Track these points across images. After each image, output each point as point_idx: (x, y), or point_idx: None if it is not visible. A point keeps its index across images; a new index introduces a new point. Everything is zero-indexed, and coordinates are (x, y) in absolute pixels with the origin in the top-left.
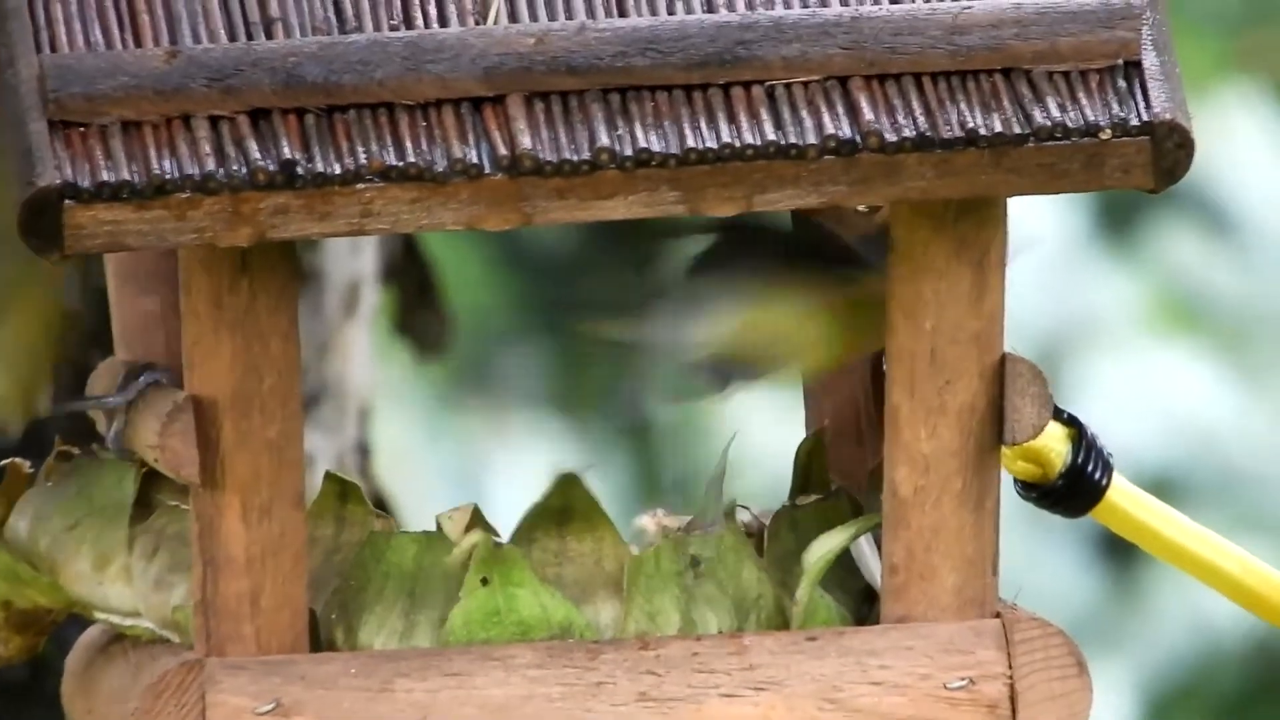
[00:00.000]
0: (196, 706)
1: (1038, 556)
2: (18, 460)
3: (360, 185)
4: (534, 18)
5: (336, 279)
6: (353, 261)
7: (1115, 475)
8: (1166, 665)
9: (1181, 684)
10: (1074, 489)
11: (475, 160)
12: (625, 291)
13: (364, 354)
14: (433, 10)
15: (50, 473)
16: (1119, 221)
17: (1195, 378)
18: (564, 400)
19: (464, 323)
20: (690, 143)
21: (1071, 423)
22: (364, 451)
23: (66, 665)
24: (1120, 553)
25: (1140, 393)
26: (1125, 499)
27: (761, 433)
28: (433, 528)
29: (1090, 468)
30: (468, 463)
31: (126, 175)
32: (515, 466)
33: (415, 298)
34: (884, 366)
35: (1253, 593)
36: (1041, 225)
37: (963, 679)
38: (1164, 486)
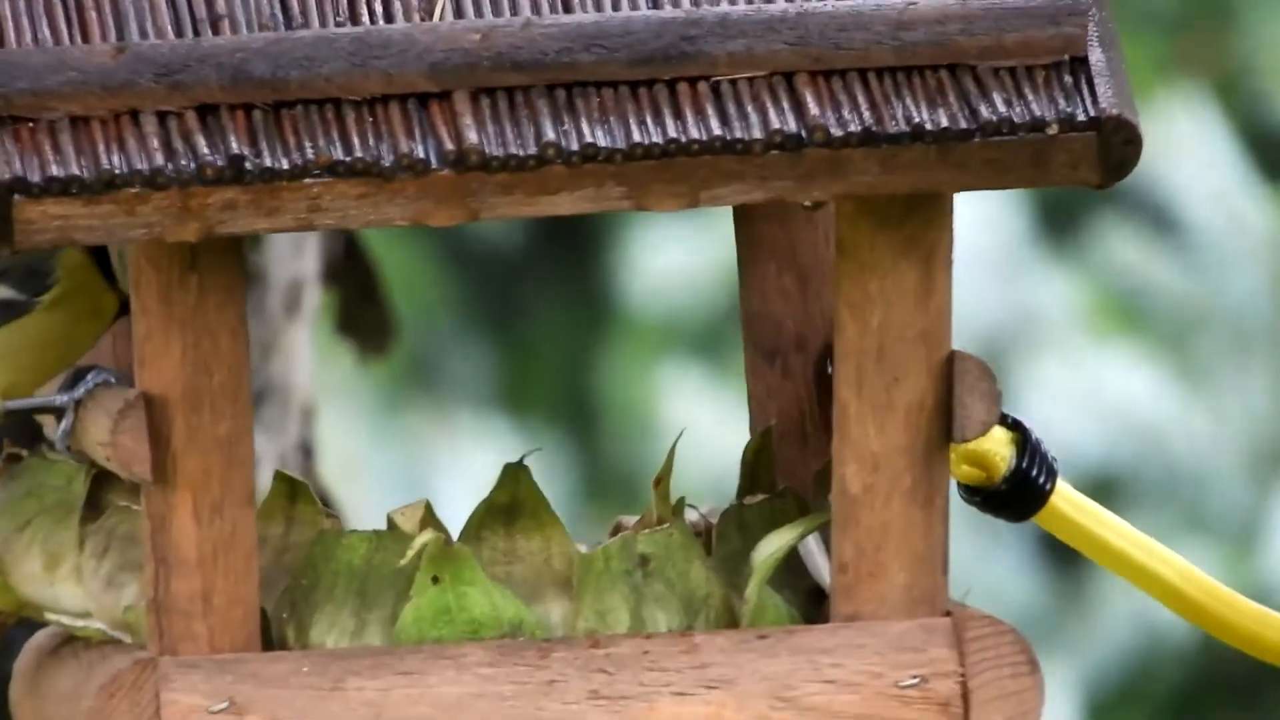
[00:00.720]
0: (150, 705)
1: (983, 556)
2: None
3: (308, 180)
4: (479, 14)
5: (278, 279)
6: (295, 262)
7: (1059, 480)
8: (1110, 665)
9: (1124, 683)
10: (1017, 493)
11: (422, 155)
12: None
13: (306, 354)
14: (379, 7)
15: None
16: (1061, 222)
17: (1138, 377)
18: (509, 398)
19: (408, 322)
20: (636, 138)
21: (1016, 427)
22: (307, 451)
23: (15, 669)
24: (1065, 553)
25: (1083, 392)
26: (1068, 504)
27: (706, 431)
28: (382, 526)
29: (1034, 472)
30: (413, 462)
31: (76, 170)
32: (461, 465)
33: (358, 297)
34: (828, 367)
35: (1191, 601)
36: (984, 225)
37: (915, 677)
38: (1106, 485)
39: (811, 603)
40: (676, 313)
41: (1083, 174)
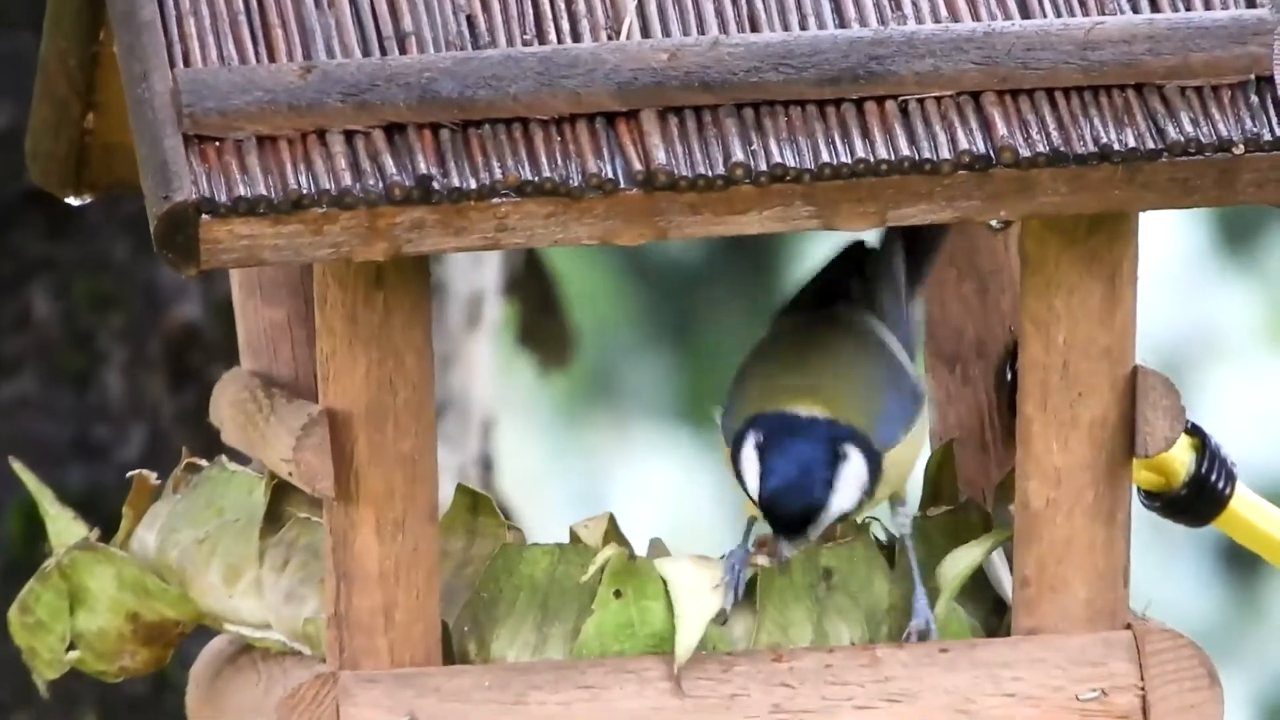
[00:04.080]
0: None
1: (1160, 567)
2: (144, 472)
3: (496, 200)
4: (666, 33)
5: (458, 292)
6: (474, 275)
7: (1238, 484)
8: None
9: None
10: (1197, 498)
11: (610, 175)
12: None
13: (486, 367)
14: (565, 25)
15: (177, 484)
16: (1240, 235)
17: None
18: (689, 411)
19: (588, 335)
20: (824, 158)
21: (1195, 432)
22: (487, 464)
23: (191, 675)
24: (1241, 565)
25: (1260, 405)
26: (1248, 508)
27: None
28: (562, 539)
29: (1214, 477)
30: (592, 474)
31: (263, 190)
32: (640, 478)
33: (538, 310)
34: (1008, 373)
35: None
36: (1162, 239)
37: (1095, 690)
38: None
39: (993, 615)
40: None
41: (1269, 194)
